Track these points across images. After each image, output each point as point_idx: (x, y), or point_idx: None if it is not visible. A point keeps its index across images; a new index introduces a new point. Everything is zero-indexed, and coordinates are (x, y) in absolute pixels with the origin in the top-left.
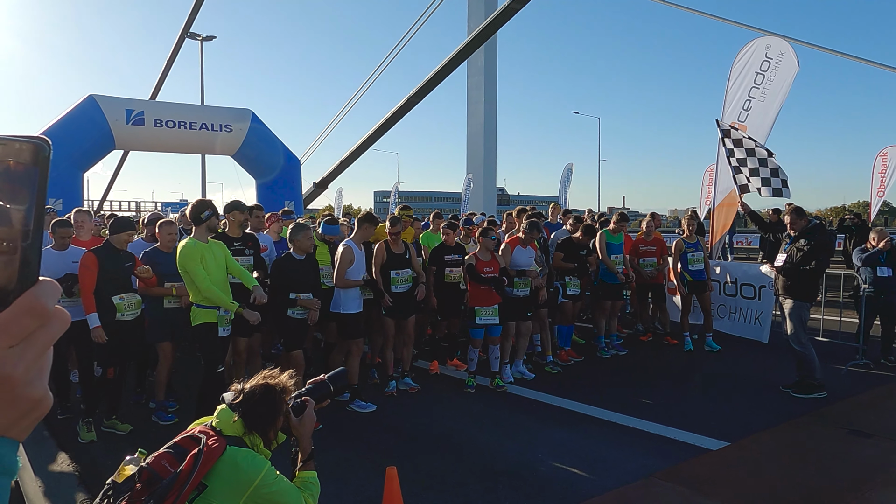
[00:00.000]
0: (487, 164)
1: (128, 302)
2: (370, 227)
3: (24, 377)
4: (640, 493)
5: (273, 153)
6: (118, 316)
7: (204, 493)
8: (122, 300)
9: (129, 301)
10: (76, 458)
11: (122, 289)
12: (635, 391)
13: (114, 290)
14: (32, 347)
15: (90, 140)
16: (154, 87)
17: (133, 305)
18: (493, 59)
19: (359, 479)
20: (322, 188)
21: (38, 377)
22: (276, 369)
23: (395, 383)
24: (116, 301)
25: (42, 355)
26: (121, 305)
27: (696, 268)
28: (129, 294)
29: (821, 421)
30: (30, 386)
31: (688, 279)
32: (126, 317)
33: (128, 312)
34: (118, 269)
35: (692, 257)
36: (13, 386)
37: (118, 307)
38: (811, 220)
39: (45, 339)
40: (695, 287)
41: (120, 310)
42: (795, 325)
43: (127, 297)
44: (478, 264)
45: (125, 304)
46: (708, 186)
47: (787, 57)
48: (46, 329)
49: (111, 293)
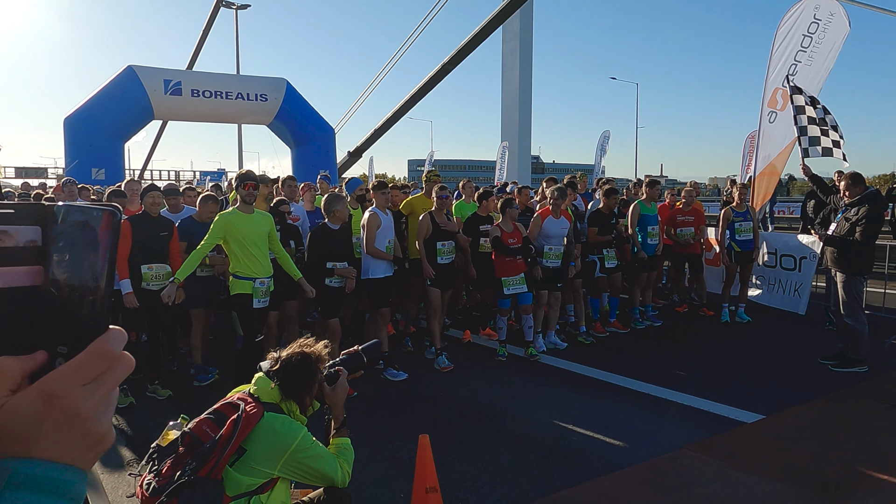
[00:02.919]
0: (522, 132)
1: (156, 272)
2: (381, 193)
3: (93, 413)
4: (673, 465)
5: (307, 122)
6: (143, 285)
7: (244, 457)
8: (150, 270)
9: (158, 272)
10: (122, 422)
11: (153, 258)
12: (669, 363)
13: (144, 258)
14: (101, 387)
15: (130, 111)
16: (190, 58)
17: (161, 276)
18: (528, 23)
19: (392, 446)
20: (356, 157)
21: (104, 414)
22: (312, 338)
23: (445, 359)
24: (144, 270)
25: (108, 395)
26: (147, 275)
27: (745, 238)
28: (158, 265)
29: (860, 396)
30: (97, 422)
31: (735, 249)
32: (152, 286)
33: (154, 283)
34: (150, 237)
35: (740, 227)
36: (84, 420)
37: (145, 276)
38: (867, 189)
39: (112, 380)
40: (741, 257)
41: (146, 279)
42: (850, 299)
43: (156, 267)
44: (503, 235)
45: (153, 273)
46: (749, 154)
47: (838, 17)
48: (113, 371)
49: (142, 261)
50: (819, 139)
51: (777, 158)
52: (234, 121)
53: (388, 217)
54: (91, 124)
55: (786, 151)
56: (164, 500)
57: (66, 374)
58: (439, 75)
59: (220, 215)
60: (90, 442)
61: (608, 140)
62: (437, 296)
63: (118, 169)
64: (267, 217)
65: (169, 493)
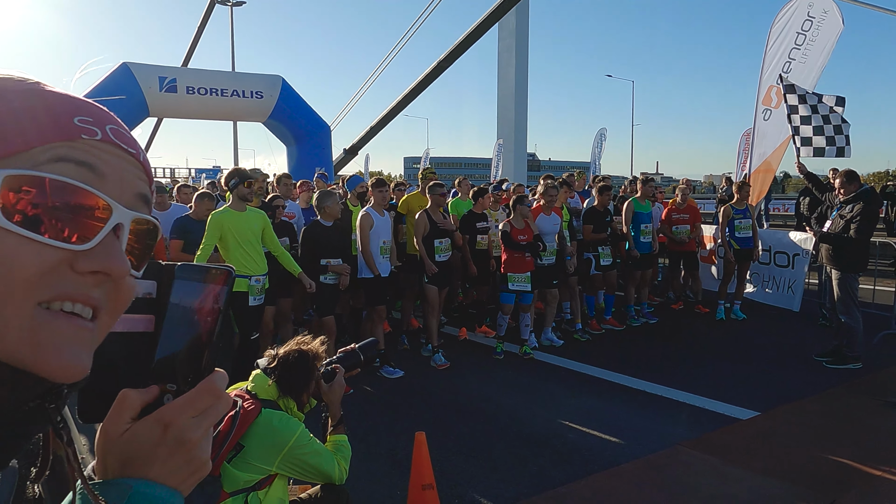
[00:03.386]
0: (518, 130)
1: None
2: (380, 191)
3: (199, 442)
4: (668, 462)
5: (303, 119)
6: None
7: (241, 454)
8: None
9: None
10: None
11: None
12: (665, 359)
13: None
14: (207, 420)
15: (125, 108)
16: (185, 54)
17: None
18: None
19: (389, 443)
20: (352, 154)
21: (206, 444)
22: (309, 336)
23: (442, 356)
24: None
25: (210, 427)
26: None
27: (744, 235)
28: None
29: (854, 392)
30: (201, 450)
31: (734, 247)
32: None
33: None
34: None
35: (739, 224)
36: (191, 448)
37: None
38: (862, 186)
39: (216, 414)
40: (740, 255)
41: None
42: (845, 296)
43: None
44: (512, 231)
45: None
46: (744, 152)
47: (831, 15)
48: (217, 407)
49: None
50: (811, 139)
51: (772, 156)
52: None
53: (384, 217)
54: None
55: (781, 149)
56: None
57: (181, 407)
58: (435, 73)
59: (213, 215)
60: (193, 468)
61: (605, 137)
62: (436, 293)
63: None
64: (260, 214)
65: None
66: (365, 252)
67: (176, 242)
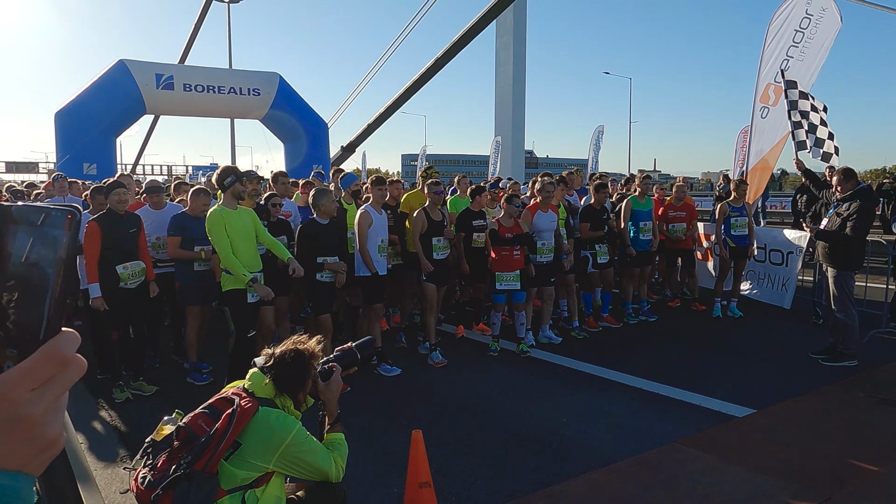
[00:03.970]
0: (516, 127)
1: (131, 271)
2: (378, 189)
3: (42, 418)
4: (664, 459)
5: (301, 117)
6: (121, 284)
7: (238, 451)
8: (125, 269)
9: (133, 270)
10: (115, 416)
11: (126, 257)
12: (661, 357)
13: (118, 258)
14: (51, 391)
15: (122, 105)
16: (182, 52)
17: (136, 274)
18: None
19: (385, 441)
20: (350, 152)
21: (54, 419)
22: (305, 335)
23: (439, 354)
24: (120, 270)
25: (59, 399)
26: (124, 275)
27: (739, 233)
28: (132, 263)
29: (850, 389)
30: (47, 426)
31: (730, 244)
32: (129, 285)
33: (131, 281)
34: (121, 236)
35: (735, 222)
36: (33, 426)
37: (122, 276)
38: (859, 184)
39: (63, 384)
40: (736, 252)
41: (123, 279)
42: (841, 293)
43: (130, 265)
44: (500, 229)
45: (129, 273)
46: (741, 149)
47: (830, 13)
48: (64, 375)
49: (116, 261)
50: (813, 135)
51: (769, 153)
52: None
53: (381, 216)
54: (82, 119)
55: (778, 146)
56: (160, 492)
57: (14, 378)
58: (433, 70)
59: (212, 212)
60: (39, 447)
61: (602, 135)
62: (434, 291)
63: (110, 164)
64: (249, 211)
65: (165, 486)
66: (362, 250)
67: (173, 239)
